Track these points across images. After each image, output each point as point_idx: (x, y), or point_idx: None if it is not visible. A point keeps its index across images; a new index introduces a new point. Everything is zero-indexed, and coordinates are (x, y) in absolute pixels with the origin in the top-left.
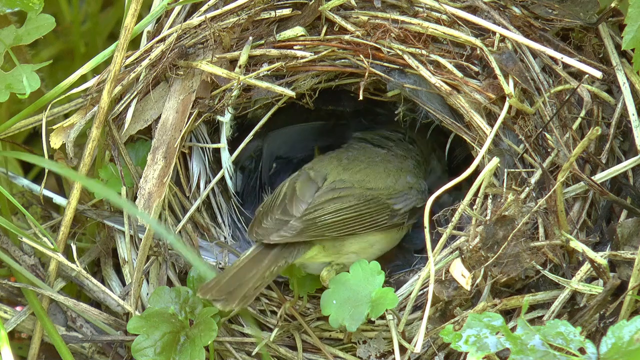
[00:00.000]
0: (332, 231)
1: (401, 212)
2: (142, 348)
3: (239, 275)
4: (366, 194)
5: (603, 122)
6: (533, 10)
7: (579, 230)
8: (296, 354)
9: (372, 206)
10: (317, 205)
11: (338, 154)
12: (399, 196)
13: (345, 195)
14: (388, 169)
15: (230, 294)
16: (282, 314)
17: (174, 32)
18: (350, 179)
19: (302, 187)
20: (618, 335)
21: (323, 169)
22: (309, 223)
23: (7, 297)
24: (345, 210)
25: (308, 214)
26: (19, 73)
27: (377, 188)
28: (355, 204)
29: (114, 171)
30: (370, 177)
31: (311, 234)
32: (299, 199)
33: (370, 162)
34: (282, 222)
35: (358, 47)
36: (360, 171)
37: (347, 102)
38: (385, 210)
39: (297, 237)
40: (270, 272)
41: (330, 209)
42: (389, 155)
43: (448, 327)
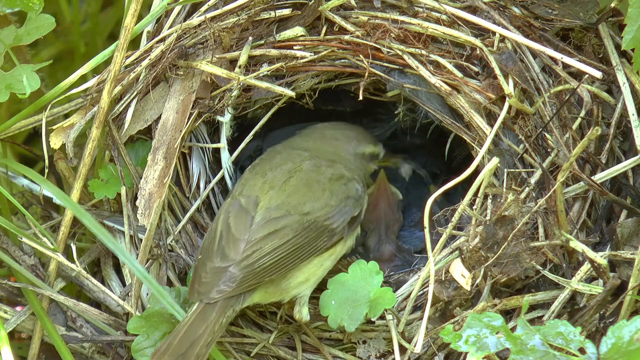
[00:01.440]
0: (271, 274)
1: (339, 230)
2: (142, 348)
3: (188, 334)
4: (303, 220)
5: (603, 122)
6: (533, 10)
7: (579, 230)
8: (296, 354)
9: (311, 233)
10: (254, 245)
11: (264, 164)
12: (336, 212)
13: (281, 227)
14: (321, 181)
15: (183, 356)
16: (282, 315)
17: (174, 32)
18: (285, 202)
19: (236, 222)
20: (618, 335)
21: (252, 192)
22: (247, 271)
23: (7, 297)
24: (283, 246)
25: (246, 258)
26: (19, 73)
27: (314, 210)
28: (293, 237)
29: (113, 171)
30: (305, 197)
31: (250, 283)
32: (235, 237)
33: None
34: (221, 271)
35: (358, 47)
36: (295, 191)
37: (347, 102)
38: (324, 233)
39: (236, 289)
40: (220, 324)
41: (268, 248)
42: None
43: (448, 327)
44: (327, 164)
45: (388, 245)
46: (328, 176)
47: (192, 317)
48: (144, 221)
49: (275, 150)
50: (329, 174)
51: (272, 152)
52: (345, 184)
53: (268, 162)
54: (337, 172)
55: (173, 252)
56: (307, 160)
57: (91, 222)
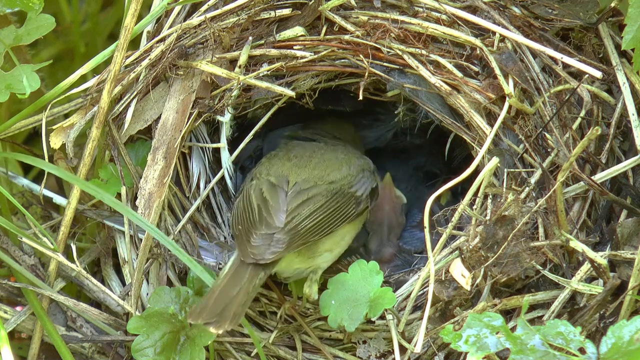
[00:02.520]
0: (313, 235)
1: (364, 197)
2: (142, 348)
3: (223, 294)
4: (330, 188)
5: (603, 122)
6: (533, 10)
7: (579, 230)
8: (296, 354)
9: (340, 199)
10: (292, 212)
11: (284, 153)
12: (358, 182)
13: (313, 195)
14: (338, 157)
15: (221, 315)
16: (282, 314)
17: (174, 32)
18: (311, 175)
19: (272, 195)
20: (618, 335)
21: (280, 171)
22: (292, 233)
23: (7, 297)
24: (319, 210)
25: (288, 223)
26: (19, 73)
27: (338, 179)
28: (325, 202)
29: (113, 171)
30: (327, 170)
31: (298, 244)
32: (275, 208)
33: (319, 154)
34: (269, 237)
35: (358, 47)
36: (317, 166)
37: (347, 102)
38: (351, 200)
39: (287, 250)
40: (253, 286)
41: (305, 212)
42: (329, 144)
43: (448, 327)
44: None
45: (389, 248)
46: (343, 152)
47: (226, 279)
48: None
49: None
50: (343, 150)
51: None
52: (357, 159)
53: (289, 152)
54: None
55: None
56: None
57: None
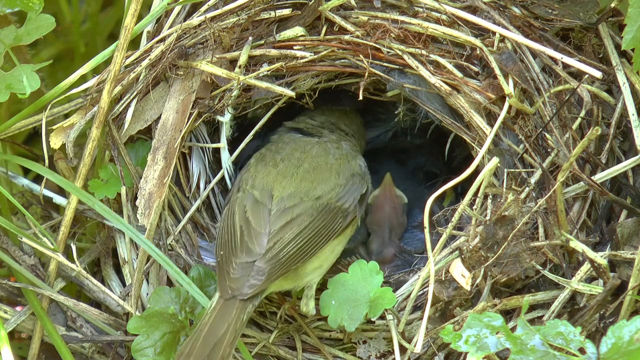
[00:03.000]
0: (295, 262)
1: (351, 209)
2: (142, 348)
3: (210, 334)
4: (317, 205)
5: (603, 122)
6: (533, 10)
7: (579, 230)
8: (296, 354)
9: (326, 215)
10: (275, 236)
11: (272, 155)
12: (346, 192)
13: (297, 215)
14: (328, 163)
15: (209, 357)
16: (281, 315)
17: (174, 32)
18: (297, 190)
19: (254, 215)
20: (618, 335)
21: (265, 183)
22: (273, 263)
23: (7, 297)
24: (303, 233)
25: (269, 250)
26: (19, 73)
27: (325, 193)
28: (310, 222)
29: (113, 171)
30: (315, 182)
31: (279, 274)
32: (257, 231)
33: (309, 159)
34: (249, 266)
35: (358, 47)
36: (304, 177)
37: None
38: (338, 215)
39: (266, 282)
40: (241, 322)
41: (288, 237)
42: (323, 143)
43: (448, 327)
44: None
45: (390, 248)
46: (336, 156)
47: (212, 315)
48: (144, 221)
49: (282, 140)
50: (336, 153)
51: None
52: (348, 161)
53: (278, 152)
54: (344, 151)
55: (173, 251)
56: (316, 146)
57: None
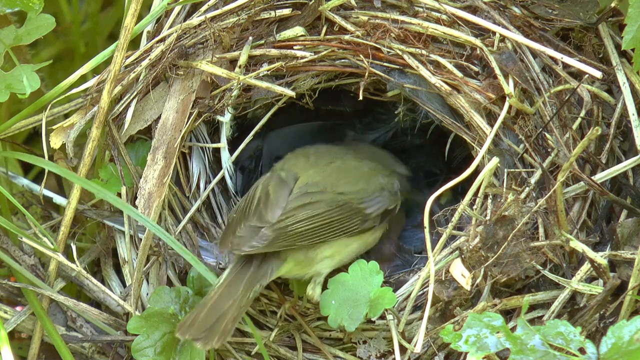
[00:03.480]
0: (302, 240)
1: (373, 216)
2: (142, 348)
3: (215, 308)
4: (338, 199)
5: (603, 122)
6: (533, 10)
7: (579, 230)
8: (296, 354)
9: (344, 212)
10: (289, 212)
11: (307, 150)
12: (371, 199)
13: (316, 200)
14: (360, 169)
15: (209, 331)
16: (282, 314)
17: (174, 32)
18: (323, 181)
19: (276, 190)
20: (618, 335)
21: (293, 168)
22: (280, 232)
23: (7, 297)
24: (317, 217)
25: (280, 221)
26: (19, 73)
27: (349, 192)
28: (327, 210)
29: (113, 171)
30: (342, 180)
31: (282, 244)
32: (273, 203)
33: (341, 160)
34: (256, 230)
35: (358, 47)
36: (333, 172)
37: (347, 102)
38: (357, 215)
39: (267, 247)
40: (247, 299)
41: (302, 216)
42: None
43: (448, 327)
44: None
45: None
46: (369, 166)
47: (219, 290)
48: None
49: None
50: (370, 165)
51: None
52: (382, 177)
53: (313, 149)
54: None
55: (173, 251)
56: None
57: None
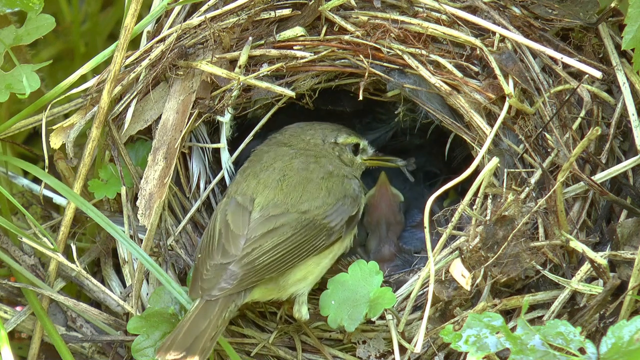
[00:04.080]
0: (271, 271)
1: (337, 228)
2: (142, 348)
3: (192, 329)
4: (302, 218)
5: (603, 122)
6: (533, 10)
7: (579, 230)
8: (296, 354)
9: (310, 231)
10: (253, 242)
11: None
12: (334, 211)
13: (280, 225)
14: (314, 180)
15: (189, 350)
16: (281, 315)
17: (174, 32)
18: (284, 200)
19: (235, 218)
20: (618, 335)
21: (247, 191)
22: (247, 268)
23: (7, 297)
24: (283, 244)
25: (246, 255)
26: (19, 73)
27: (312, 209)
28: (292, 235)
29: (113, 171)
30: (303, 196)
31: (251, 280)
32: (235, 233)
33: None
34: (222, 268)
35: (358, 47)
36: (291, 190)
37: (347, 102)
38: (322, 232)
39: (237, 287)
40: (223, 319)
41: (267, 246)
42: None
43: (448, 327)
44: (314, 160)
45: (388, 246)
46: (320, 175)
47: (195, 312)
48: (144, 221)
49: (261, 150)
50: (321, 172)
51: (259, 152)
52: (342, 183)
53: (258, 163)
54: (326, 169)
55: (173, 251)
56: (295, 158)
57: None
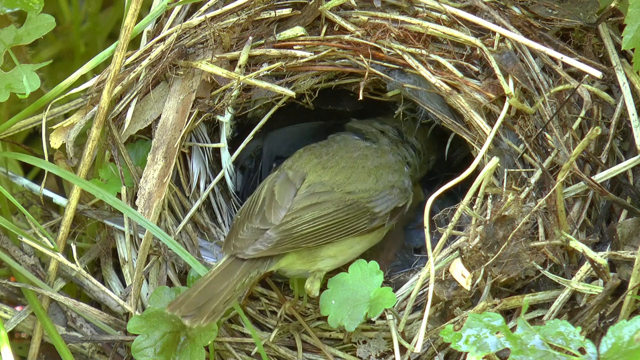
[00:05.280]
0: (308, 242)
1: (381, 215)
2: (142, 348)
3: (208, 289)
4: (346, 198)
5: (603, 122)
6: (533, 10)
7: (579, 230)
8: (296, 354)
9: (352, 211)
10: (294, 213)
11: (319, 148)
12: (380, 197)
13: (323, 201)
14: (368, 167)
15: (199, 310)
16: (282, 314)
17: (174, 32)
18: (330, 181)
19: (281, 190)
20: (618, 335)
21: (302, 167)
22: (284, 234)
23: (7, 297)
24: (323, 218)
25: (285, 223)
26: (19, 73)
27: (358, 191)
28: (334, 211)
29: (113, 171)
30: (351, 178)
31: (286, 247)
32: (278, 204)
33: (350, 158)
34: (259, 232)
35: (358, 47)
36: (341, 171)
37: (347, 102)
38: (365, 215)
39: (272, 250)
40: (242, 284)
41: (308, 217)
42: (373, 149)
43: (448, 327)
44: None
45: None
46: (379, 163)
47: (216, 272)
48: None
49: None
50: (380, 162)
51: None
52: (392, 174)
53: (325, 147)
54: (389, 162)
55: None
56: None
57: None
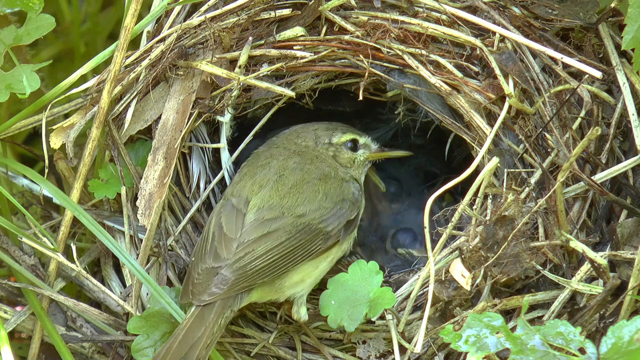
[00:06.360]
0: (264, 276)
1: (334, 232)
2: (142, 348)
3: (187, 337)
4: (297, 223)
5: (603, 122)
6: (533, 10)
7: (579, 230)
8: (296, 354)
9: (304, 236)
10: (246, 247)
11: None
12: (331, 215)
13: (275, 229)
14: (310, 181)
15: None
16: (281, 315)
17: (174, 32)
18: (279, 203)
19: (228, 221)
20: (618, 335)
21: (242, 192)
22: (239, 273)
23: (7, 297)
24: (276, 249)
25: (239, 260)
26: (19, 73)
27: (308, 212)
28: (287, 239)
29: (113, 171)
30: (299, 199)
31: (243, 286)
32: (228, 237)
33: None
34: (213, 272)
35: (358, 47)
36: (287, 192)
37: (347, 102)
38: (318, 236)
39: (228, 292)
40: (219, 326)
41: (261, 250)
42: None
43: (448, 327)
44: (309, 161)
45: None
46: (316, 176)
47: (190, 319)
48: (144, 221)
49: (258, 152)
50: (317, 173)
51: (256, 154)
52: (340, 186)
53: (254, 164)
54: (322, 171)
55: (173, 252)
56: (290, 158)
57: (90, 222)
